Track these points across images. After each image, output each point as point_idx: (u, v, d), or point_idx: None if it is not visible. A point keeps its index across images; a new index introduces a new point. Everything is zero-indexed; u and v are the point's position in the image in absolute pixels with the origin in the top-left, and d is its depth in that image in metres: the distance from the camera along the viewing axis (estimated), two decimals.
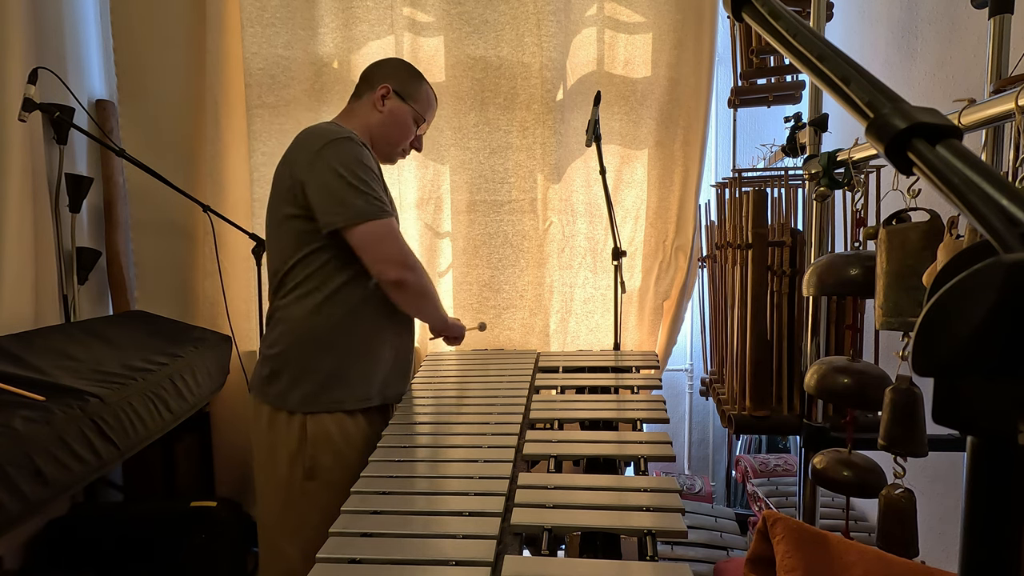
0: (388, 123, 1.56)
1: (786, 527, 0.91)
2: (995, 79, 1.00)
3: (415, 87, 1.58)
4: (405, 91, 1.57)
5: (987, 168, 0.34)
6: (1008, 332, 0.28)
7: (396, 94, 1.55)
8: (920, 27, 1.83)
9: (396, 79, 1.57)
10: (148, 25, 2.32)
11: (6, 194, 1.82)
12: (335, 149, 1.37)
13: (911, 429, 0.96)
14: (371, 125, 1.55)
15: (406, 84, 1.57)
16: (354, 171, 1.37)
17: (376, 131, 1.55)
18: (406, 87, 1.57)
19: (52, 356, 1.63)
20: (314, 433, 1.42)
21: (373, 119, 1.55)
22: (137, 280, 2.40)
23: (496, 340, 2.39)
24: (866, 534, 1.96)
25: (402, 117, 1.56)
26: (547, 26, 2.26)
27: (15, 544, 1.91)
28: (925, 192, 0.85)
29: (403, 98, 1.56)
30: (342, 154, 1.37)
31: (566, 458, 1.26)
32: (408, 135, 1.59)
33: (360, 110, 1.56)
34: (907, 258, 0.94)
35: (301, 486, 1.42)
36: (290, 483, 1.42)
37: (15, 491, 1.22)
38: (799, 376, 1.63)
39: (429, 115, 1.63)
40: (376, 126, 1.55)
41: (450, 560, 0.89)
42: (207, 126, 2.32)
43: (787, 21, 0.49)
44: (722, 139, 2.87)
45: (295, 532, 1.41)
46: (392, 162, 1.65)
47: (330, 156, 1.37)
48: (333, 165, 1.36)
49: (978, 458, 0.34)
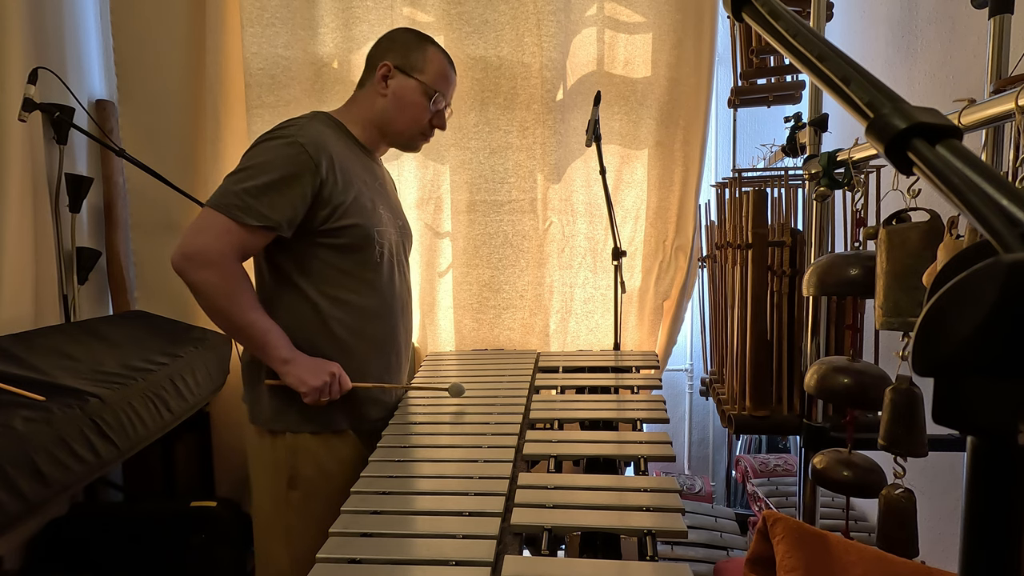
0: (394, 107, 1.42)
1: (786, 527, 0.91)
2: (995, 79, 1.00)
3: (419, 56, 1.42)
4: (408, 64, 1.41)
5: (987, 168, 0.34)
6: (1008, 332, 0.28)
7: (399, 70, 1.41)
8: (920, 27, 1.83)
9: (395, 53, 1.42)
10: (148, 25, 2.32)
11: (6, 194, 1.82)
12: (259, 141, 1.31)
13: (911, 429, 0.96)
14: (375, 113, 1.43)
15: (408, 55, 1.42)
16: (253, 162, 1.27)
17: (382, 118, 1.43)
18: (408, 59, 1.42)
19: (52, 356, 1.63)
20: (292, 445, 1.36)
21: (377, 106, 1.43)
22: (137, 280, 2.40)
23: (496, 340, 2.39)
24: (866, 534, 1.96)
25: (409, 96, 1.41)
26: (547, 26, 2.26)
27: (15, 544, 1.91)
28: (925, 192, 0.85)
29: (407, 72, 1.41)
30: (259, 146, 1.29)
31: (566, 458, 1.26)
32: (422, 114, 1.43)
33: (362, 99, 1.45)
34: (907, 258, 0.94)
35: (286, 495, 1.37)
36: (275, 491, 1.38)
37: (15, 491, 1.22)
38: (799, 376, 1.63)
39: (443, 84, 1.45)
40: (381, 113, 1.43)
41: (450, 560, 0.89)
42: (207, 126, 2.32)
43: (787, 21, 0.49)
44: (722, 139, 2.87)
45: (284, 538, 1.37)
46: (414, 149, 1.53)
47: (252, 146, 1.31)
48: (247, 154, 1.30)
49: (978, 458, 0.34)
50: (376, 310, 1.41)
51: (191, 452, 2.32)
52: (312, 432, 1.36)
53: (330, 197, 1.31)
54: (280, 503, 1.37)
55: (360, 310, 1.38)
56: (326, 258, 1.35)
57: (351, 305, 1.37)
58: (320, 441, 1.37)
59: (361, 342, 1.39)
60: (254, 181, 1.25)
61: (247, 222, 1.24)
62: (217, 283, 1.24)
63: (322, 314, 1.35)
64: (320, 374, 1.31)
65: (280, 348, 1.30)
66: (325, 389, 1.31)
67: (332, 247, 1.34)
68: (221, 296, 1.25)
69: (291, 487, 1.36)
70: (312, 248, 1.34)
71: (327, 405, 1.34)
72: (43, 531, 1.96)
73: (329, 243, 1.34)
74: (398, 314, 1.47)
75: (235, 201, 1.24)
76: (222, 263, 1.23)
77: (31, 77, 1.85)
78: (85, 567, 1.96)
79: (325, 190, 1.30)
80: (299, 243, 1.33)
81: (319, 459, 1.37)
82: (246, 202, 1.24)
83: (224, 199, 1.24)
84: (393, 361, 1.48)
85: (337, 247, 1.34)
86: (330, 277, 1.35)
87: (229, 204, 1.24)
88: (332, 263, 1.35)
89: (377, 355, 1.43)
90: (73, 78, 2.18)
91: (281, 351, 1.30)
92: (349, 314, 1.37)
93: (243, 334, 1.30)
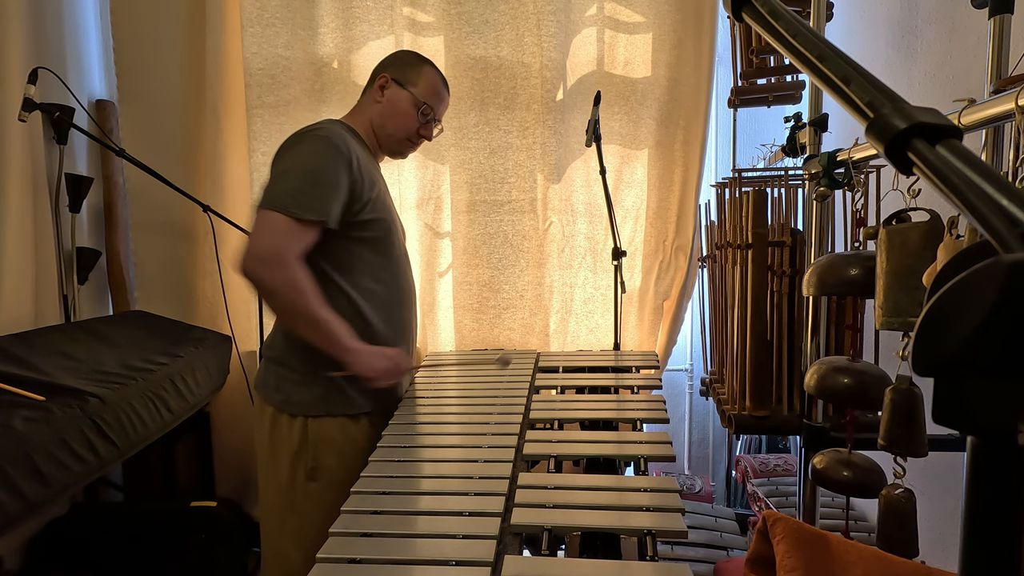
0: (386, 113, 1.53)
1: (786, 527, 0.91)
2: (995, 79, 1.00)
3: (414, 72, 1.54)
4: (403, 77, 1.53)
5: (987, 168, 0.34)
6: (1008, 332, 0.28)
7: (394, 82, 1.52)
8: (920, 27, 1.83)
9: (394, 67, 1.55)
10: (148, 25, 2.32)
11: (6, 194, 1.82)
12: (292, 142, 1.37)
13: (911, 429, 0.96)
14: (372, 118, 1.53)
15: (405, 70, 1.54)
16: (295, 162, 1.34)
17: (376, 123, 1.54)
18: (404, 73, 1.54)
19: (52, 356, 1.63)
20: (316, 435, 1.41)
21: (374, 112, 1.53)
22: (137, 280, 2.40)
23: (496, 340, 2.39)
24: (866, 534, 1.96)
25: (400, 105, 1.52)
26: (547, 26, 2.26)
27: (15, 544, 1.91)
28: (925, 192, 0.85)
29: (401, 84, 1.53)
30: (295, 147, 1.36)
31: (566, 458, 1.26)
32: (409, 123, 1.54)
33: (364, 105, 1.56)
34: (907, 258, 0.94)
35: (304, 488, 1.41)
36: (292, 485, 1.41)
37: (15, 491, 1.22)
38: (799, 376, 1.63)
39: (434, 100, 1.56)
40: (376, 118, 1.53)
41: (450, 560, 0.89)
42: (207, 126, 2.32)
43: (787, 21, 0.49)
44: (722, 139, 2.87)
45: (297, 534, 1.40)
46: (400, 155, 1.62)
47: (285, 149, 1.37)
48: (283, 156, 1.36)
49: (978, 458, 0.34)
50: (400, 298, 1.51)
51: (191, 452, 2.32)
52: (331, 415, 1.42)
53: (361, 192, 1.39)
54: (296, 496, 1.41)
55: (386, 299, 1.47)
56: (356, 251, 1.42)
57: (379, 295, 1.46)
58: (338, 426, 1.43)
59: (390, 330, 1.47)
60: (302, 179, 1.31)
61: (305, 218, 1.30)
62: (293, 282, 1.30)
63: (356, 305, 1.42)
64: (383, 358, 1.40)
65: (346, 338, 1.36)
66: (391, 372, 1.41)
67: (361, 240, 1.42)
68: (297, 294, 1.30)
69: (310, 479, 1.41)
70: (344, 242, 1.41)
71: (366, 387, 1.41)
72: (43, 531, 1.96)
73: (359, 236, 1.42)
74: (413, 302, 1.60)
75: (289, 200, 1.29)
76: (293, 262, 1.29)
77: (31, 77, 1.85)
78: (85, 567, 1.95)
79: (358, 185, 1.38)
80: (334, 238, 1.39)
81: (341, 448, 1.42)
82: (299, 200, 1.30)
83: (279, 199, 1.30)
84: (411, 347, 1.59)
85: (365, 240, 1.43)
86: (360, 269, 1.43)
87: (286, 203, 1.29)
88: (361, 255, 1.43)
89: (402, 341, 1.53)
90: (73, 78, 2.18)
91: (347, 341, 1.36)
92: (378, 303, 1.45)
93: (315, 328, 1.34)
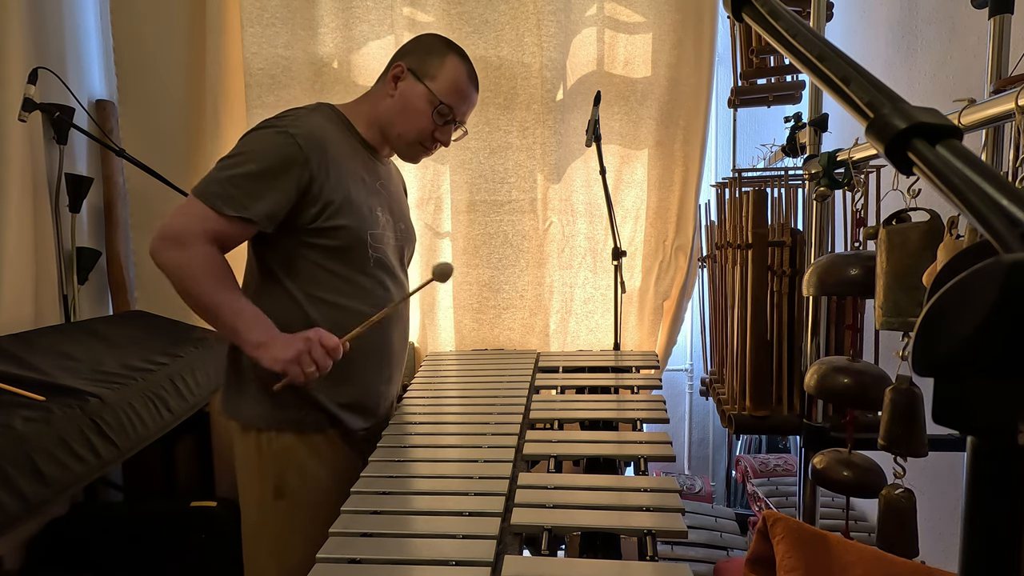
0: (395, 109, 1.33)
1: (786, 527, 0.91)
2: (995, 79, 1.00)
3: (435, 62, 1.31)
4: (421, 69, 1.31)
5: (987, 168, 0.34)
6: (1008, 332, 0.28)
7: (411, 73, 1.31)
8: (920, 27, 1.83)
9: (414, 55, 1.33)
10: (148, 25, 2.32)
11: (6, 194, 1.82)
12: (251, 131, 1.26)
13: (911, 429, 0.96)
14: (378, 113, 1.35)
15: (424, 60, 1.32)
16: (239, 151, 1.23)
17: (383, 119, 1.35)
18: (423, 63, 1.31)
19: (52, 356, 1.63)
20: (272, 451, 1.28)
21: (382, 106, 1.34)
22: (137, 280, 2.40)
23: (496, 340, 2.39)
24: (866, 534, 1.96)
25: (412, 101, 1.31)
26: (547, 26, 2.26)
27: (15, 544, 1.91)
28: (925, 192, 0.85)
29: (418, 77, 1.31)
30: (249, 137, 1.25)
31: (566, 458, 1.26)
32: (421, 123, 1.33)
33: (373, 96, 1.37)
34: (907, 258, 0.94)
35: (272, 506, 1.29)
36: (262, 501, 1.30)
37: (15, 491, 1.22)
38: (799, 376, 1.63)
39: (454, 98, 1.32)
40: (383, 114, 1.34)
41: (450, 560, 0.89)
42: (207, 126, 2.32)
43: (787, 21, 0.49)
44: (722, 139, 2.87)
45: (272, 550, 1.31)
46: (412, 160, 1.42)
47: (242, 136, 1.27)
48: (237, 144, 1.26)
49: (978, 458, 0.34)
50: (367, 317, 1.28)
51: (191, 452, 2.32)
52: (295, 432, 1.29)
53: (320, 194, 1.24)
54: (267, 512, 1.31)
55: (350, 316, 1.28)
56: (315, 259, 1.28)
57: (340, 309, 1.29)
58: (303, 442, 1.29)
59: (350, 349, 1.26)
60: (240, 169, 1.20)
61: (225, 212, 1.18)
62: (182, 263, 1.17)
63: (309, 318, 1.26)
64: (292, 345, 1.18)
65: (252, 331, 1.19)
66: (303, 357, 1.18)
67: (321, 248, 1.27)
68: (186, 276, 1.18)
69: (277, 496, 1.29)
70: (300, 248, 1.27)
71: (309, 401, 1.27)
72: (43, 531, 1.96)
73: (318, 243, 1.27)
74: (392, 322, 1.37)
75: (216, 189, 1.19)
76: (191, 243, 1.17)
77: (31, 77, 1.85)
78: (85, 567, 1.95)
79: (315, 186, 1.23)
80: (286, 241, 1.27)
81: (303, 464, 1.29)
82: (227, 191, 1.19)
83: (207, 187, 1.20)
84: (386, 371, 1.40)
85: (326, 248, 1.27)
86: (318, 279, 1.28)
87: (210, 192, 1.19)
88: (321, 264, 1.28)
89: (368, 363, 1.35)
90: (73, 78, 2.18)
91: (252, 334, 1.19)
92: (337, 319, 1.27)
93: (213, 317, 1.21)
